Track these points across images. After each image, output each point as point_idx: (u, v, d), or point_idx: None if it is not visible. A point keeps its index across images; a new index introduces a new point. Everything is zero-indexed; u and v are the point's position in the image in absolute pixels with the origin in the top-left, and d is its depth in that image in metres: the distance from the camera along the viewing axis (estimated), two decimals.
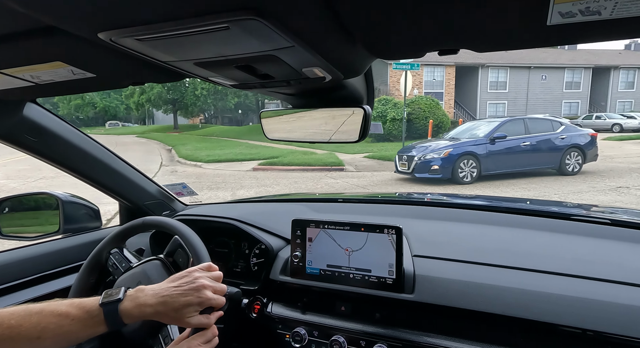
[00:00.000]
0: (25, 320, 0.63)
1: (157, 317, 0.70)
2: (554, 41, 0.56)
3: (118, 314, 0.68)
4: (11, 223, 1.33)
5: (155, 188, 1.52)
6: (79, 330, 0.66)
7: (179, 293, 0.70)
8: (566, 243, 1.05)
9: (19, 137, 1.09)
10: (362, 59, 0.67)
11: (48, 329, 0.64)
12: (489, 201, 1.51)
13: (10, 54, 0.65)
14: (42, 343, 0.64)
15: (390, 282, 0.95)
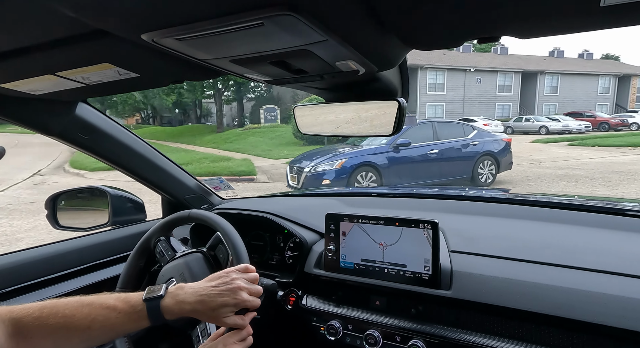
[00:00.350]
0: (78, 310, 0.69)
1: (194, 315, 0.73)
2: (605, 24, 0.52)
3: (159, 310, 0.72)
4: (66, 215, 1.43)
5: (194, 182, 1.58)
6: (124, 323, 0.71)
7: (217, 293, 0.73)
8: (616, 240, 0.98)
9: (72, 135, 1.17)
10: (396, 51, 0.66)
11: (97, 321, 0.69)
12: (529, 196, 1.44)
13: (64, 57, 0.69)
14: (91, 333, 0.69)
15: (426, 277, 0.93)
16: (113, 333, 0.72)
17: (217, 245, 0.97)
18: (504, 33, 0.55)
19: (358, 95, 0.87)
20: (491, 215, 1.24)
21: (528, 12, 0.50)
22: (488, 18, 0.52)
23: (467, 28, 0.55)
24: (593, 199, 1.33)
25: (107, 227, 1.41)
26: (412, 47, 0.64)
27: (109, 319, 0.70)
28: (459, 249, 1.01)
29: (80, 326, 0.68)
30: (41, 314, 0.66)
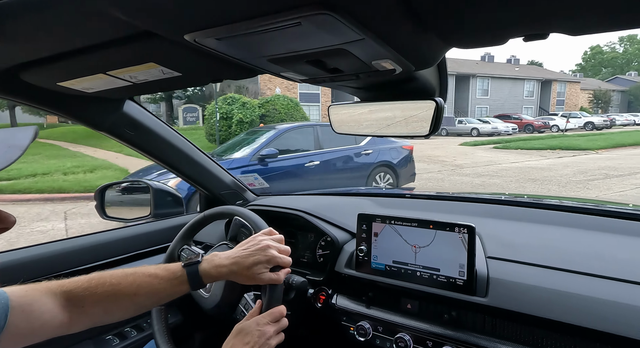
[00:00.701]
0: (123, 279, 0.75)
1: (232, 277, 0.80)
2: None
3: (198, 274, 0.78)
4: (113, 206, 1.53)
5: (230, 179, 1.63)
6: (167, 288, 0.78)
7: (248, 253, 0.79)
8: None
9: (120, 130, 1.25)
10: (435, 50, 0.64)
11: (142, 287, 0.75)
12: (579, 203, 1.35)
13: (114, 57, 0.74)
14: (137, 299, 0.76)
15: (460, 283, 0.90)
16: (157, 298, 0.78)
17: (237, 232, 1.00)
18: (553, 30, 0.52)
19: (394, 95, 0.86)
20: (533, 222, 1.17)
21: (580, 6, 0.46)
22: (538, 13, 0.48)
23: (513, 25, 0.52)
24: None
25: (149, 219, 1.48)
26: (453, 46, 0.62)
27: (153, 285, 0.77)
28: (496, 255, 0.97)
29: (126, 293, 0.75)
30: (90, 285, 0.73)
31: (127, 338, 1.27)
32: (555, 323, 0.78)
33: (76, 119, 1.14)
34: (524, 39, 0.55)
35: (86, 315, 0.72)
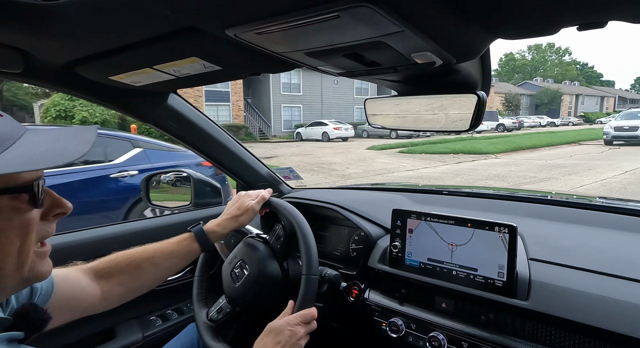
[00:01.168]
0: (141, 249, 0.89)
1: (234, 223, 0.98)
2: None
3: (203, 231, 0.93)
4: (157, 194, 1.61)
5: (266, 171, 1.66)
6: (180, 249, 0.90)
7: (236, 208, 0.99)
8: None
9: (164, 122, 1.31)
10: (479, 41, 0.61)
11: (157, 250, 0.88)
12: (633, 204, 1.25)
13: (160, 52, 0.77)
14: (156, 260, 0.87)
15: (499, 284, 0.87)
16: (175, 258, 0.89)
17: (283, 237, 1.01)
18: (613, 17, 0.47)
19: (433, 88, 0.83)
20: (580, 223, 1.10)
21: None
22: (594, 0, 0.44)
23: (567, 11, 0.48)
24: None
25: (190, 207, 1.55)
26: (498, 37, 0.59)
27: (167, 247, 0.90)
28: (539, 258, 0.92)
29: (145, 257, 0.87)
30: (111, 259, 0.85)
31: (169, 320, 1.35)
32: (603, 331, 0.73)
33: (125, 111, 1.21)
34: (578, 28, 0.51)
35: (116, 284, 0.83)
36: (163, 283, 1.33)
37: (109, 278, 0.82)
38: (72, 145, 0.50)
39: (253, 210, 0.98)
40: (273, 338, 0.78)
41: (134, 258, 0.86)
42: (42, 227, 0.54)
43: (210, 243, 0.93)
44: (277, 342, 0.77)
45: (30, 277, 0.54)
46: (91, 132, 0.53)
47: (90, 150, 0.49)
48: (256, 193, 1.01)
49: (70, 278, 0.77)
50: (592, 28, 0.49)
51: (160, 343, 1.14)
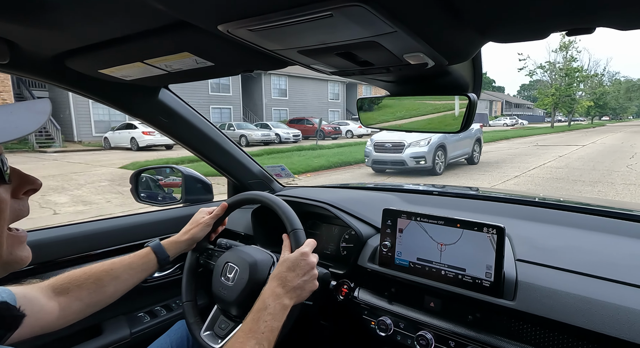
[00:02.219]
0: (99, 263, 0.90)
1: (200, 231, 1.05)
2: None
3: (161, 245, 0.96)
4: (147, 190, 1.59)
5: (258, 169, 1.65)
6: (137, 260, 0.92)
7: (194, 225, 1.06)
8: None
9: (154, 117, 1.29)
10: (471, 43, 0.62)
11: (116, 262, 0.90)
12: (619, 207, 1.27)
13: (151, 46, 0.77)
14: (115, 273, 0.88)
15: (487, 284, 0.88)
16: (132, 270, 0.91)
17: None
18: (600, 23, 0.48)
19: (425, 89, 0.84)
20: (568, 225, 1.12)
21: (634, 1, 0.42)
22: (583, 5, 0.45)
23: (557, 17, 0.49)
24: None
25: (180, 203, 1.54)
26: (490, 40, 0.60)
27: (125, 260, 0.91)
28: (526, 258, 0.94)
29: (104, 270, 0.87)
30: (68, 275, 0.85)
31: (157, 316, 1.34)
32: (588, 332, 0.75)
33: (115, 105, 1.19)
34: (567, 34, 0.52)
35: (74, 300, 0.82)
36: (151, 280, 1.32)
37: (67, 294, 0.81)
38: (26, 117, 0.48)
39: (205, 224, 1.05)
40: (292, 270, 0.84)
41: (93, 272, 0.86)
42: (15, 206, 0.54)
43: (166, 256, 0.97)
44: (297, 274, 0.84)
45: (10, 261, 0.54)
46: (45, 103, 0.52)
47: (46, 121, 0.48)
48: (212, 209, 1.09)
49: (29, 297, 0.75)
50: (581, 33, 0.51)
51: (148, 340, 1.13)
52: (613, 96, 54.76)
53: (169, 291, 1.40)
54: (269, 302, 0.78)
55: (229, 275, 0.97)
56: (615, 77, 68.11)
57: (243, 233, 1.47)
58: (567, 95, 34.81)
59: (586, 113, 50.41)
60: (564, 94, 34.40)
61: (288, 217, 0.96)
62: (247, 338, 0.72)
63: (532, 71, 36.20)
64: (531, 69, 37.70)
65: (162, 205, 1.55)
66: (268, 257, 1.00)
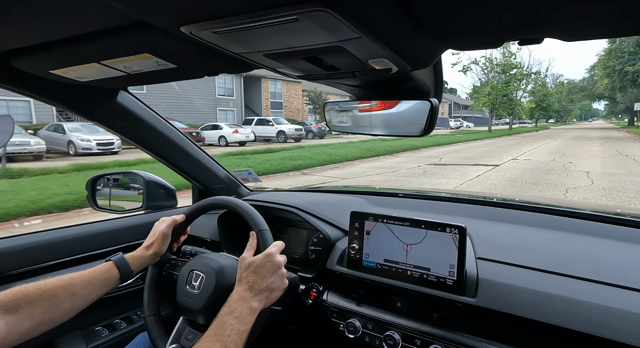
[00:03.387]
0: (55, 278, 0.81)
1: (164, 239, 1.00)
2: None
3: (125, 259, 0.91)
4: (104, 198, 1.51)
5: (224, 173, 1.62)
6: (98, 275, 0.86)
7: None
8: None
9: (113, 121, 1.23)
10: (431, 50, 0.64)
11: (74, 278, 0.82)
12: (568, 206, 1.36)
13: (108, 47, 0.73)
14: (73, 289, 0.80)
15: (450, 282, 0.91)
16: (91, 286, 0.84)
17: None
18: (548, 35, 0.53)
19: (390, 94, 0.86)
20: (523, 224, 1.19)
21: (575, 13, 0.47)
22: (532, 18, 0.49)
23: (509, 28, 0.53)
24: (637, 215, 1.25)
25: (141, 210, 1.47)
26: (449, 47, 0.62)
27: (84, 275, 0.84)
28: (486, 257, 0.98)
29: (61, 285, 0.79)
30: (20, 290, 0.76)
31: (117, 329, 1.27)
32: (542, 324, 0.79)
33: (69, 107, 1.13)
34: (519, 43, 0.56)
35: (23, 318, 0.73)
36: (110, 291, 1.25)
37: (17, 311, 0.73)
38: None
39: (163, 235, 1.00)
40: (259, 273, 0.82)
41: (48, 287, 0.79)
42: None
43: (129, 272, 0.91)
44: (264, 276, 0.82)
45: None
46: (8, 122, 0.48)
47: (8, 141, 0.45)
48: (169, 219, 1.04)
49: None
50: (530, 43, 0.55)
51: None
52: (556, 98, 53.14)
53: (130, 302, 1.33)
54: (235, 306, 0.76)
55: (194, 283, 0.93)
56: (558, 79, 69.09)
57: (209, 240, 1.43)
58: (504, 94, 31.44)
59: (530, 115, 49.36)
60: (500, 93, 31.07)
61: (253, 219, 0.94)
62: (211, 342, 0.70)
63: (466, 67, 32.69)
64: (465, 64, 33.45)
65: (122, 212, 1.48)
66: (234, 261, 0.98)
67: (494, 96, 31.08)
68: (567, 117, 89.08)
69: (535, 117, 51.29)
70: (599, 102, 61.45)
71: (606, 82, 35.94)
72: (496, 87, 31.38)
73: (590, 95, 50.29)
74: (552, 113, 58.69)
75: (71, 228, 1.28)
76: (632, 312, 0.74)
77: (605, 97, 49.07)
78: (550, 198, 6.38)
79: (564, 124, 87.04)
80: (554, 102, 51.36)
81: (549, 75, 57.47)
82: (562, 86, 61.64)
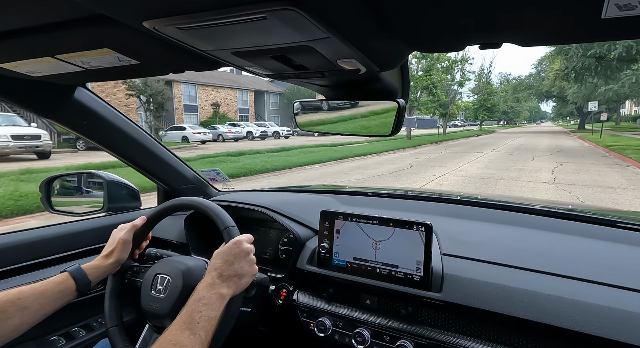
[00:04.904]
0: (5, 291, 0.75)
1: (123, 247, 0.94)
2: (607, 35, 0.52)
3: (82, 270, 0.85)
4: (61, 200, 1.43)
5: (191, 173, 1.58)
6: (52, 288, 0.80)
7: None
8: (610, 251, 0.99)
9: (70, 119, 1.17)
10: (398, 52, 0.66)
11: (24, 291, 0.76)
12: (525, 203, 1.44)
13: (64, 40, 0.69)
14: (24, 303, 0.75)
15: (417, 279, 0.94)
16: (44, 299, 0.78)
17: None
18: (505, 40, 0.56)
19: (358, 94, 0.87)
20: (485, 221, 1.24)
21: (530, 21, 0.50)
22: (491, 25, 0.51)
23: (471, 33, 0.55)
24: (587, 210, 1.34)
25: (102, 212, 1.40)
26: (415, 49, 0.64)
27: (36, 287, 0.78)
28: (451, 253, 1.02)
29: (9, 299, 0.74)
30: None
31: (75, 338, 1.20)
32: (502, 316, 0.83)
33: (19, 104, 1.06)
34: (480, 47, 0.58)
35: None
36: None
37: None
38: None
39: (124, 242, 0.94)
40: (226, 260, 0.81)
41: None
42: None
43: (87, 282, 0.85)
44: (232, 262, 0.81)
45: None
46: None
47: None
48: (128, 225, 0.98)
49: None
50: (490, 47, 0.58)
51: None
52: (502, 97, 45.99)
53: (89, 309, 1.26)
54: (203, 293, 0.74)
55: (159, 287, 0.90)
56: (506, 77, 61.50)
57: (175, 242, 1.39)
58: (424, 87, 23.96)
59: (473, 117, 44.09)
60: (419, 85, 23.64)
61: (219, 217, 0.92)
62: (180, 330, 0.67)
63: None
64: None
65: (80, 215, 1.41)
66: (202, 262, 0.95)
67: (412, 88, 23.56)
68: (516, 119, 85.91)
69: (479, 119, 43.91)
70: (547, 103, 56.35)
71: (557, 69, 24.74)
72: (413, 77, 23.67)
73: (537, 93, 41.55)
74: (498, 114, 52.63)
75: (21, 232, 1.20)
76: (582, 301, 0.79)
77: (553, 96, 42.87)
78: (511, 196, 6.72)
79: (513, 126, 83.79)
80: (499, 101, 44.55)
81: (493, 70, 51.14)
82: (508, 83, 53.34)
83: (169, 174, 1.50)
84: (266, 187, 1.91)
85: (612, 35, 0.52)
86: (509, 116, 76.42)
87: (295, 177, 9.45)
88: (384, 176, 9.15)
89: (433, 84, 24.50)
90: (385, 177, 8.99)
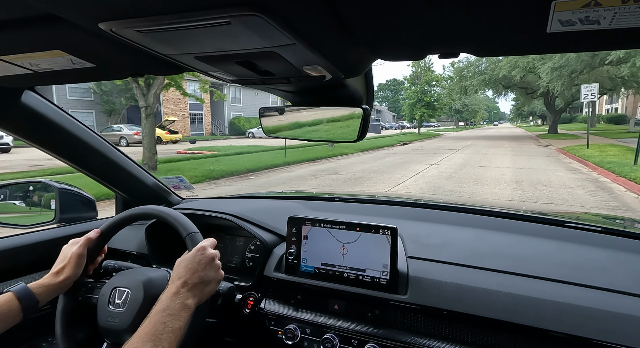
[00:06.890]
0: None
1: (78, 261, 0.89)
2: (553, 48, 0.57)
3: (28, 289, 0.79)
4: (6, 211, 1.32)
5: (152, 181, 1.51)
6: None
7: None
8: (559, 249, 1.06)
9: (16, 124, 1.09)
10: (362, 59, 0.67)
11: None
12: (484, 206, 1.51)
13: (10, 40, 0.64)
14: None
15: (384, 282, 0.95)
16: None
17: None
18: (462, 50, 0.59)
19: (325, 101, 0.88)
20: (447, 223, 1.29)
21: (484, 35, 0.53)
22: (447, 36, 0.54)
23: (428, 43, 0.58)
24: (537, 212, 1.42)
25: (53, 224, 1.31)
26: (378, 57, 0.66)
27: None
28: (415, 255, 1.04)
29: None
30: None
31: None
32: (464, 315, 0.86)
33: None
34: (439, 57, 0.61)
35: None
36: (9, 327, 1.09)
37: None
38: None
39: (77, 256, 0.88)
40: (190, 268, 0.78)
41: None
42: None
43: (34, 303, 0.79)
44: (196, 270, 0.78)
45: None
46: None
47: None
48: (80, 239, 0.92)
49: None
50: (449, 57, 0.61)
51: None
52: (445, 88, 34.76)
53: (37, 329, 1.17)
54: (167, 303, 0.71)
55: (118, 301, 0.85)
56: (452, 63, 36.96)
57: (136, 253, 1.32)
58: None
59: (409, 115, 32.91)
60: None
61: (180, 223, 0.89)
62: (142, 342, 0.63)
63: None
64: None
65: (28, 227, 1.30)
66: (164, 272, 0.92)
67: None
68: (473, 119, 74.84)
69: (416, 118, 32.35)
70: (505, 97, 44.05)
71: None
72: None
73: (492, 81, 29.05)
74: (442, 112, 38.33)
75: None
76: (536, 297, 0.84)
77: (514, 86, 30.42)
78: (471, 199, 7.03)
79: (470, 127, 70.83)
80: (444, 95, 34.28)
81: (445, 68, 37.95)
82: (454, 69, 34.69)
83: (127, 181, 1.43)
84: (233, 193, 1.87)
85: (558, 48, 0.56)
86: (464, 116, 66.83)
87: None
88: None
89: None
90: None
